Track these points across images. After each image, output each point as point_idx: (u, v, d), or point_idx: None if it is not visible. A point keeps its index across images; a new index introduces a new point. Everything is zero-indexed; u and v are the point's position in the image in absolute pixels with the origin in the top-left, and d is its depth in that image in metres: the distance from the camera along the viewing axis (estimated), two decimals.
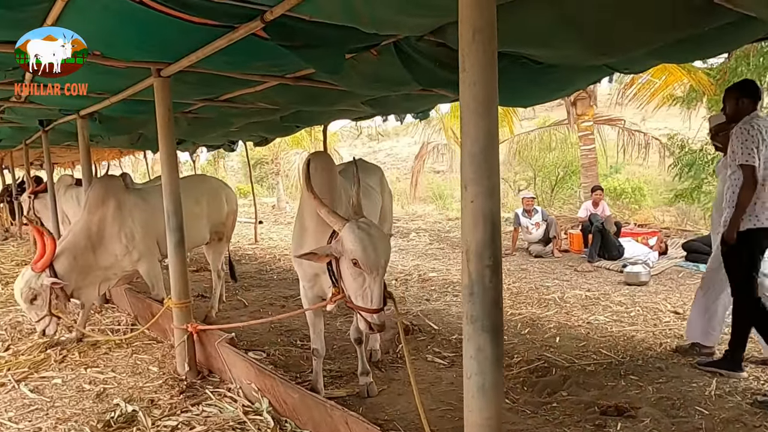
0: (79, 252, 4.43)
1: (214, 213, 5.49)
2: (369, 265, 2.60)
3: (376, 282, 2.63)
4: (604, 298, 5.57)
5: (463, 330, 1.66)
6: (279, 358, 4.45)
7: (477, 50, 1.55)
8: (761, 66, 9.11)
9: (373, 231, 2.67)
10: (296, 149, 17.64)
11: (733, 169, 3.53)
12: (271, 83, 4.32)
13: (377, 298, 2.64)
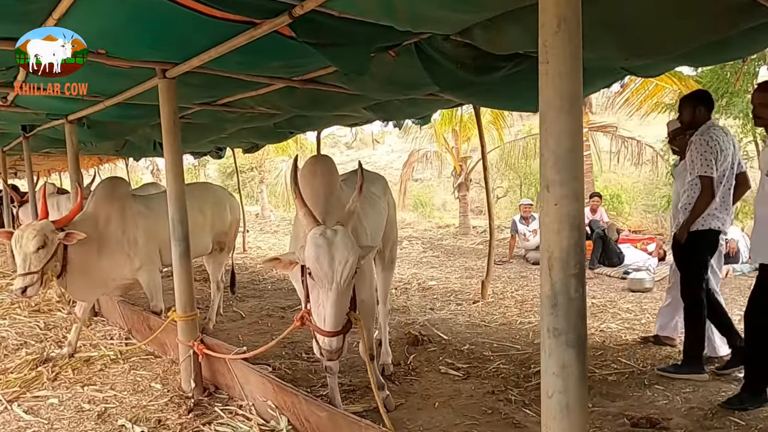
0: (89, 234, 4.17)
1: (217, 222, 5.32)
2: (320, 276, 2.33)
3: (330, 298, 2.33)
4: (612, 306, 5.50)
5: (542, 344, 1.53)
6: (285, 372, 4.26)
7: (562, 39, 1.42)
8: (750, 73, 9.24)
9: (336, 239, 2.38)
10: (282, 156, 17.40)
11: (692, 176, 3.69)
12: (277, 86, 4.16)
13: (330, 318, 2.33)
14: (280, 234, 13.99)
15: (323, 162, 3.10)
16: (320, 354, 2.43)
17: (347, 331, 2.46)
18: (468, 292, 6.47)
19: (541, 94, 1.50)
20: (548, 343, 1.50)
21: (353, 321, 2.52)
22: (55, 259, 3.95)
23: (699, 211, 3.66)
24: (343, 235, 2.43)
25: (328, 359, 2.45)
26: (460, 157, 12.65)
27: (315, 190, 2.88)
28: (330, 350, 2.37)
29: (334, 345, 2.37)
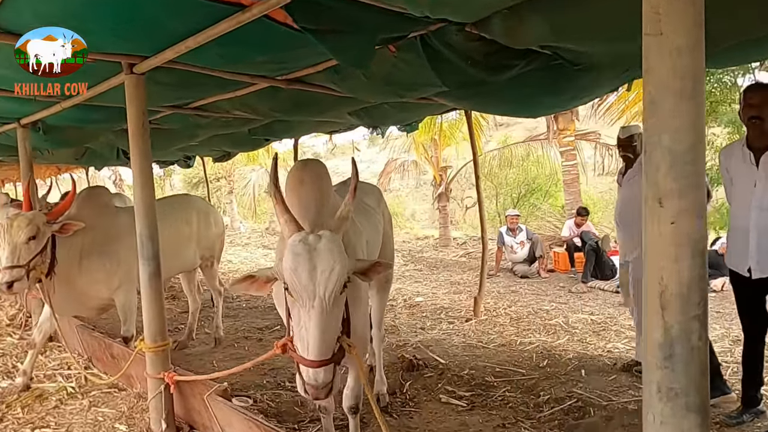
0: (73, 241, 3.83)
1: (204, 235, 4.96)
2: (299, 290, 1.87)
3: (312, 318, 1.86)
4: (612, 322, 5.22)
5: (648, 405, 1.16)
6: (268, 404, 3.82)
7: (684, 3, 1.07)
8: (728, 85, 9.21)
9: (319, 244, 1.93)
10: (252, 165, 16.83)
11: None
12: (259, 86, 3.75)
13: (314, 342, 1.85)
14: (251, 247, 13.42)
15: (312, 167, 2.61)
16: (304, 391, 1.94)
17: (338, 360, 1.95)
18: (458, 309, 6.11)
19: (649, 75, 1.14)
20: (659, 407, 1.13)
21: (346, 349, 2.02)
22: (45, 255, 3.62)
23: None
24: (329, 240, 1.97)
25: (314, 397, 1.93)
26: (440, 166, 12.36)
27: (303, 199, 2.39)
28: (315, 385, 1.87)
29: (321, 378, 1.86)
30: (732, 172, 3.14)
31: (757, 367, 3.17)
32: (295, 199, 2.45)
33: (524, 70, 3.19)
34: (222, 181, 19.97)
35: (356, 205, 3.24)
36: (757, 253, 2.94)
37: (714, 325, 4.98)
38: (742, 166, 3.05)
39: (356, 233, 2.72)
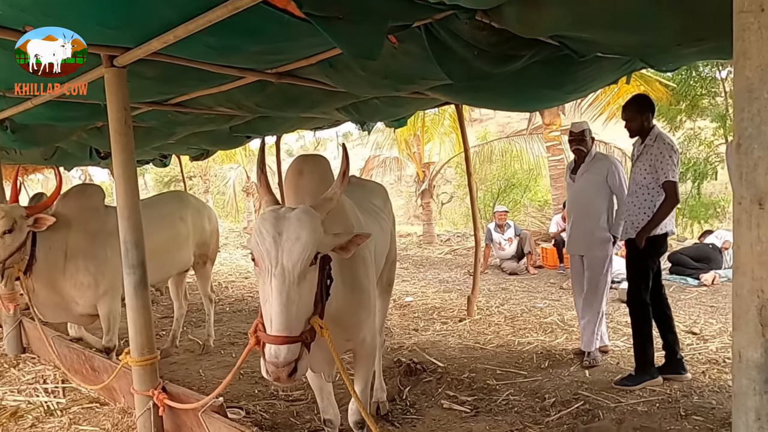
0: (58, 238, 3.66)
1: (198, 233, 4.77)
2: (261, 255, 1.75)
3: (275, 289, 1.71)
4: (609, 319, 5.13)
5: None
6: (262, 416, 3.63)
7: None
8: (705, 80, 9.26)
9: (290, 214, 1.81)
10: (230, 164, 16.46)
11: (650, 181, 3.70)
12: (247, 80, 3.54)
13: (278, 317, 1.69)
14: (229, 247, 13.11)
15: (313, 160, 2.48)
16: (265, 372, 1.74)
17: (305, 340, 1.76)
18: (450, 309, 5.98)
19: (745, 59, 0.99)
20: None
21: (318, 330, 1.84)
22: (24, 252, 3.47)
23: (664, 216, 3.68)
24: (301, 212, 1.84)
25: (274, 378, 1.71)
26: (423, 162, 12.22)
27: (299, 191, 2.26)
28: (276, 362, 1.67)
29: (282, 355, 1.67)
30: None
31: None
32: (292, 190, 2.31)
33: (529, 62, 3.07)
34: (196, 179, 19.54)
35: (362, 204, 3.08)
36: None
37: (710, 320, 4.96)
38: None
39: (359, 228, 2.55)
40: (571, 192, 4.26)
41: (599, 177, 4.08)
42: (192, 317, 6.14)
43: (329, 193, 2.05)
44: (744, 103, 0.99)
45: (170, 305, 6.41)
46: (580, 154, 4.18)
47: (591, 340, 4.17)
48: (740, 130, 1.00)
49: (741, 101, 1.00)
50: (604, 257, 4.15)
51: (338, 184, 2.08)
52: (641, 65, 3.78)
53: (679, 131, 9.63)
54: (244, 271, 9.52)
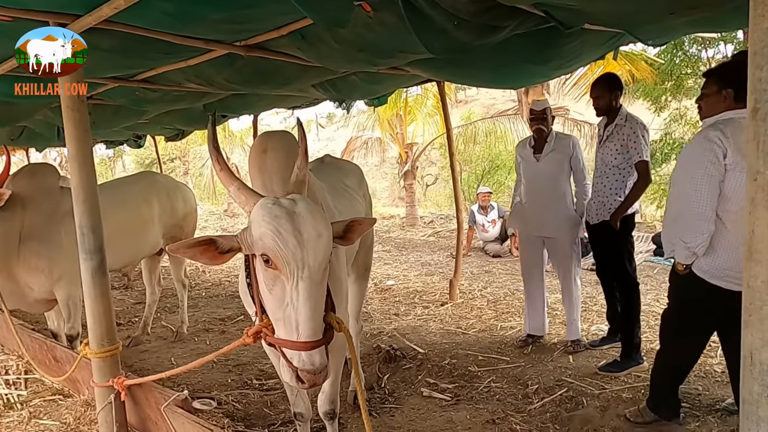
0: (11, 218, 3.49)
1: (167, 215, 4.57)
2: (285, 258, 1.57)
3: (303, 291, 1.58)
4: (593, 302, 5.06)
5: None
6: (235, 406, 3.50)
7: None
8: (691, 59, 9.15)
9: (298, 207, 1.66)
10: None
11: (621, 161, 3.66)
12: (216, 53, 3.33)
13: (307, 321, 1.58)
14: (209, 230, 12.86)
15: (277, 136, 2.29)
16: (296, 380, 1.63)
17: (329, 340, 1.70)
18: (432, 293, 5.85)
19: (765, 6, 0.83)
20: None
21: (335, 327, 1.76)
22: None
23: (638, 196, 3.70)
24: (307, 203, 1.70)
25: (311, 384, 1.62)
26: (406, 143, 12.01)
27: (265, 170, 2.08)
28: (312, 369, 1.60)
29: (317, 360, 1.60)
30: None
31: None
32: (256, 169, 2.11)
33: (512, 34, 2.90)
34: (176, 161, 19.14)
35: (333, 184, 2.91)
36: None
37: None
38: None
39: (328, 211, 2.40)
40: (532, 171, 4.09)
41: (565, 156, 3.98)
42: (166, 303, 5.95)
43: (300, 175, 1.88)
44: (762, 60, 0.83)
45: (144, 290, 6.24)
46: (541, 134, 4.06)
47: (572, 326, 4.07)
48: (757, 93, 0.84)
49: (758, 58, 0.84)
50: (574, 239, 4.05)
51: (302, 164, 1.91)
52: (628, 39, 3.63)
53: (664, 111, 9.53)
54: None
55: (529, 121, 4.22)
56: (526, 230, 4.21)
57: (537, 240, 4.15)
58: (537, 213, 4.07)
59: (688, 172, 2.58)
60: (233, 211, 14.69)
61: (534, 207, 4.09)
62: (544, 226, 4.05)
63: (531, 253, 4.21)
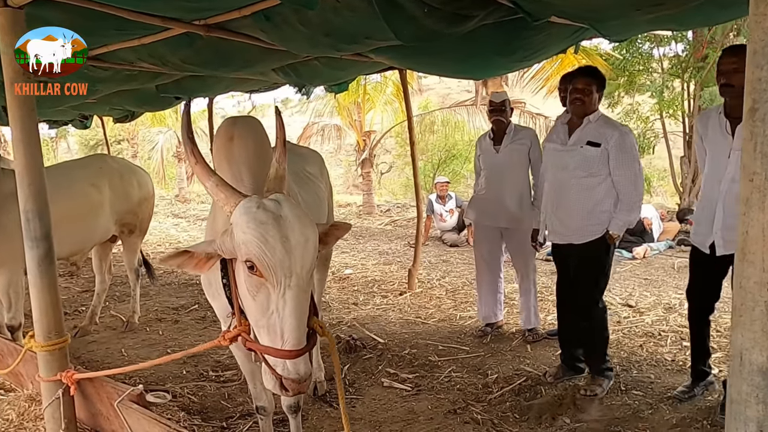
0: None
1: (120, 200, 4.37)
2: (272, 266, 1.52)
3: (290, 300, 1.54)
4: (548, 292, 5.14)
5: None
6: (190, 399, 3.39)
7: None
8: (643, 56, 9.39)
9: (284, 210, 1.59)
10: (159, 127, 15.52)
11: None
12: (173, 32, 3.18)
13: (293, 330, 1.54)
14: (159, 216, 12.43)
15: (244, 123, 2.17)
16: (280, 388, 1.60)
17: (313, 346, 1.67)
18: (391, 282, 5.85)
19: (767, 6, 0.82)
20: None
21: (318, 331, 1.74)
22: None
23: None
24: (292, 206, 1.63)
25: (296, 392, 1.61)
26: (364, 131, 11.93)
27: (234, 160, 1.97)
28: (299, 378, 1.57)
29: (303, 369, 1.57)
30: (707, 140, 2.92)
31: (705, 342, 3.12)
32: (224, 160, 2.00)
33: (481, 24, 2.88)
34: (124, 144, 18.42)
35: (296, 173, 2.83)
36: (723, 228, 2.75)
37: (644, 293, 5.06)
38: (717, 135, 2.83)
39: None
40: (492, 163, 4.10)
41: (524, 148, 4.02)
42: (115, 291, 5.73)
43: (279, 172, 1.79)
44: (763, 60, 0.82)
45: (92, 278, 5.99)
46: (500, 125, 4.07)
47: (530, 316, 4.14)
48: (756, 93, 0.84)
49: (758, 58, 0.83)
50: (530, 228, 4.12)
51: (281, 158, 1.82)
52: (591, 34, 3.68)
53: (618, 106, 9.81)
54: (174, 241, 9.04)
55: (489, 113, 4.22)
56: (484, 221, 4.23)
57: (495, 231, 4.19)
58: (496, 204, 4.09)
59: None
60: (184, 197, 14.29)
61: (493, 198, 4.11)
62: (503, 217, 4.09)
63: (488, 244, 4.24)
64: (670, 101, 8.42)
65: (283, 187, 1.77)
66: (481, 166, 4.23)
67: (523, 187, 4.06)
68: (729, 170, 2.72)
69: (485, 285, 4.28)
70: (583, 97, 3.16)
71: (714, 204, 2.78)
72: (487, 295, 4.27)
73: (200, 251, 1.70)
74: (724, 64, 2.72)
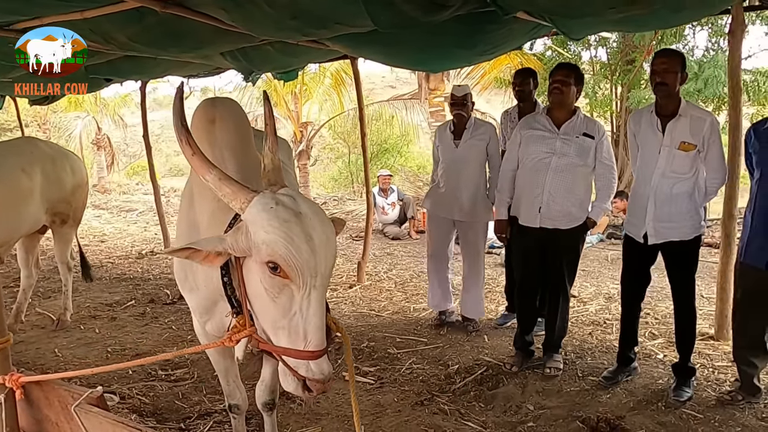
0: None
1: (52, 187, 4.01)
2: (301, 268, 1.44)
3: (315, 302, 1.48)
4: (495, 284, 5.26)
5: None
6: (141, 400, 3.20)
7: None
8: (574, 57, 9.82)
9: (303, 207, 1.51)
10: (76, 112, 14.46)
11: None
12: (126, 5, 2.93)
13: (318, 331, 1.48)
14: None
15: (224, 105, 2.04)
16: (304, 389, 1.52)
17: (332, 343, 1.68)
18: (338, 275, 5.77)
19: None
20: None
21: (332, 327, 1.67)
22: None
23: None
24: (308, 201, 1.56)
25: (318, 392, 1.54)
26: (300, 122, 11.70)
27: (216, 144, 1.85)
28: (323, 378, 1.50)
29: (326, 368, 1.50)
30: (639, 138, 3.16)
31: (634, 328, 3.32)
32: (205, 142, 1.84)
33: (455, 14, 2.87)
34: (32, 127, 17.05)
35: None
36: (654, 219, 3.00)
37: (585, 284, 5.28)
38: (649, 133, 3.08)
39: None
40: (451, 156, 4.14)
41: (483, 143, 4.08)
42: (38, 287, 5.28)
43: (275, 161, 1.68)
44: None
45: (11, 272, 5.54)
46: (461, 119, 4.11)
47: (480, 307, 4.21)
48: None
49: None
50: (486, 222, 4.21)
51: (273, 147, 1.71)
52: (548, 31, 3.79)
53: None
54: (99, 233, 8.50)
55: (450, 107, 4.24)
56: (439, 212, 4.26)
57: (448, 222, 4.22)
58: (453, 196, 4.12)
59: None
60: (104, 186, 13.46)
61: (450, 190, 4.13)
62: (458, 210, 4.12)
63: (441, 234, 4.28)
64: (601, 101, 8.86)
65: (282, 179, 1.67)
66: (440, 156, 4.25)
67: (480, 181, 4.11)
68: (659, 165, 2.98)
69: (434, 273, 4.32)
70: (562, 87, 3.26)
71: (646, 197, 3.02)
72: (436, 283, 4.32)
73: (210, 249, 1.55)
74: (657, 64, 2.94)
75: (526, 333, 3.56)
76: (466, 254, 4.29)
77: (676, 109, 2.98)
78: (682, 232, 2.99)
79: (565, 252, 3.40)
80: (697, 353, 3.50)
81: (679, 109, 2.97)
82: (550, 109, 3.39)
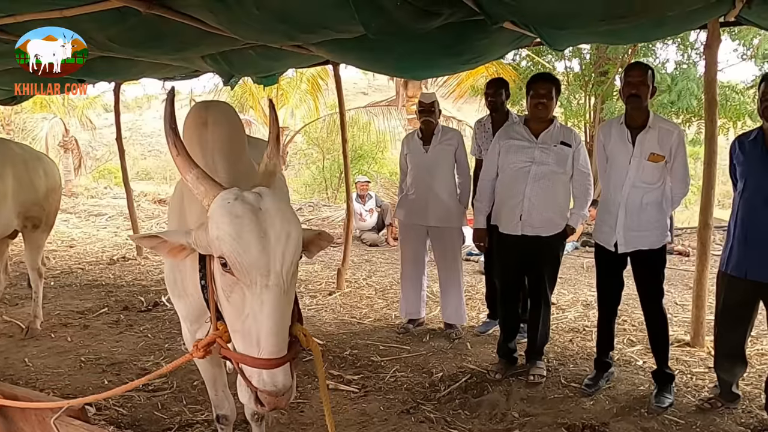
0: None
1: (24, 191, 3.89)
2: (245, 266, 1.39)
3: (268, 304, 1.39)
4: (474, 291, 5.28)
5: None
6: (118, 411, 3.10)
7: None
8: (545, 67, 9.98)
9: (265, 203, 1.46)
10: (43, 113, 14.03)
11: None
12: (108, 5, 2.85)
13: (271, 336, 1.40)
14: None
15: (217, 108, 2.02)
16: (256, 402, 1.43)
17: (295, 356, 1.49)
18: (318, 282, 5.71)
19: None
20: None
21: (302, 340, 1.58)
22: None
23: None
24: (275, 198, 1.50)
25: (272, 407, 1.44)
26: None
27: (209, 148, 1.82)
28: (275, 391, 1.40)
29: (281, 380, 1.41)
30: (609, 149, 3.19)
31: (610, 334, 3.38)
32: (196, 146, 1.82)
33: (446, 22, 2.88)
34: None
35: None
36: (624, 228, 3.06)
37: (562, 291, 5.33)
38: (618, 144, 3.13)
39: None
40: (420, 162, 4.14)
41: (451, 147, 4.11)
42: (5, 293, 5.08)
43: (270, 166, 1.67)
44: None
45: None
46: (429, 125, 4.12)
47: (461, 312, 4.21)
48: None
49: None
50: (460, 228, 4.22)
51: (273, 153, 1.70)
52: (530, 41, 3.83)
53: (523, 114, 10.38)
54: (68, 238, 8.25)
55: (418, 113, 4.25)
56: (413, 220, 4.25)
57: (421, 229, 4.23)
58: (424, 203, 4.12)
59: None
60: (71, 190, 13.08)
61: (421, 197, 4.14)
62: (430, 216, 4.12)
63: (415, 242, 4.28)
64: (576, 111, 9.03)
65: (271, 183, 1.65)
66: (408, 165, 4.25)
67: (451, 186, 4.13)
68: (629, 176, 3.05)
69: (409, 281, 4.33)
70: (546, 101, 3.30)
71: (617, 206, 3.08)
72: (410, 291, 4.33)
73: (174, 240, 1.57)
74: (633, 76, 3.00)
75: (509, 340, 3.58)
76: (441, 260, 4.29)
77: (646, 121, 3.04)
78: (651, 240, 3.06)
79: (546, 259, 3.43)
80: (675, 360, 3.56)
81: (649, 121, 3.04)
82: (528, 119, 3.44)
